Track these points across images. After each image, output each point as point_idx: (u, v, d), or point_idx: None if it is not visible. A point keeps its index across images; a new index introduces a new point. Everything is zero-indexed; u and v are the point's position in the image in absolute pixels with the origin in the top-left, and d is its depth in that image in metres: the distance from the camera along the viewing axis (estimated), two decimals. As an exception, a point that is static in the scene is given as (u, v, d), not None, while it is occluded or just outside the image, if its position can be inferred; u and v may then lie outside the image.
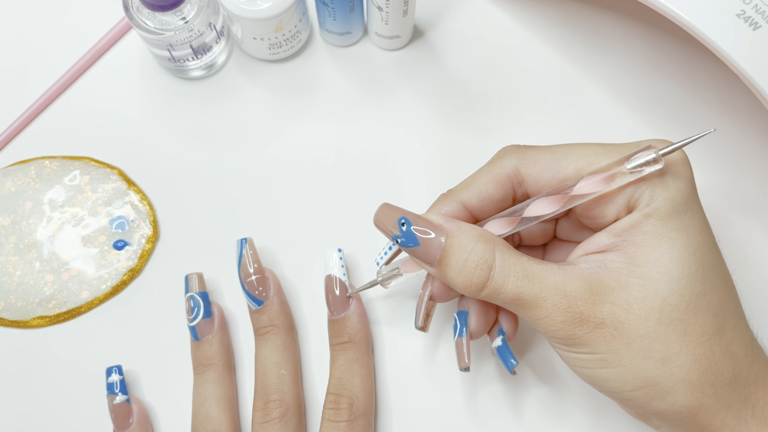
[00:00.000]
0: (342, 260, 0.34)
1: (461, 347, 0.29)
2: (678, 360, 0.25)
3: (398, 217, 0.28)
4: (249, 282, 0.33)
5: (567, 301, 0.25)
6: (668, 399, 0.25)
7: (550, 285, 0.26)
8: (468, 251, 0.26)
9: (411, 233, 0.27)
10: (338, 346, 0.33)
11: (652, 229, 0.25)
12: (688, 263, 0.25)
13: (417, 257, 0.28)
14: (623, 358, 0.25)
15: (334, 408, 0.31)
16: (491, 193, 0.29)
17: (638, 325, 0.25)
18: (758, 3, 0.30)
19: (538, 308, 0.26)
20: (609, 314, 0.25)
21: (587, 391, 0.34)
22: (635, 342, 0.25)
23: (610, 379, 0.26)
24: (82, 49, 0.41)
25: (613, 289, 0.25)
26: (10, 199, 0.37)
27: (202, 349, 0.33)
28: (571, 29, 0.41)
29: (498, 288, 0.26)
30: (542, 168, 0.28)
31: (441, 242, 0.27)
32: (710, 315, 0.25)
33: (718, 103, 0.39)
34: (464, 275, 0.26)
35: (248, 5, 0.35)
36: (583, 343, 0.25)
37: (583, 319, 0.25)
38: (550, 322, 0.26)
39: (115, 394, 0.33)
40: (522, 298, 0.26)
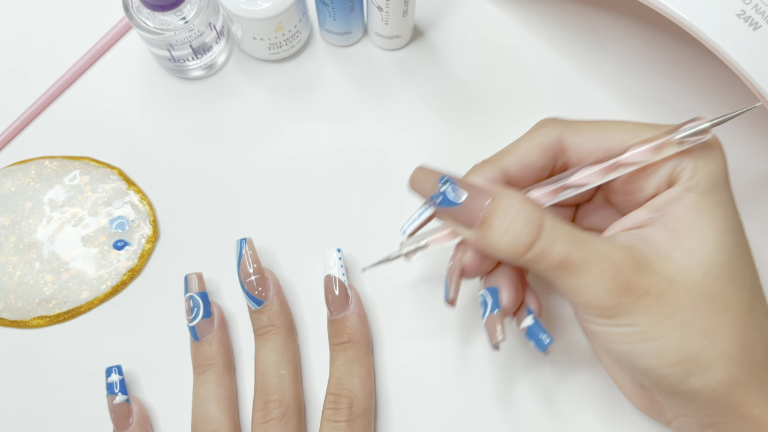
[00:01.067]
0: (341, 260, 0.34)
1: (494, 323, 0.28)
2: (718, 333, 0.25)
3: (438, 177, 0.26)
4: (248, 282, 0.33)
5: (614, 268, 0.25)
6: (707, 374, 0.25)
7: (597, 250, 0.25)
8: (515, 210, 0.25)
9: (454, 190, 0.26)
10: (338, 346, 0.33)
11: (693, 203, 0.25)
12: (728, 238, 0.25)
13: (456, 220, 0.26)
14: (665, 330, 0.25)
15: (333, 408, 0.31)
16: (533, 160, 0.28)
17: (681, 296, 0.25)
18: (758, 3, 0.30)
19: (584, 273, 0.25)
20: (653, 284, 0.25)
21: (588, 391, 0.34)
22: (677, 314, 0.25)
23: (649, 353, 0.25)
24: (82, 49, 0.41)
25: (655, 261, 0.25)
26: (10, 199, 0.37)
27: (202, 349, 0.33)
28: (571, 29, 0.41)
29: (546, 249, 0.25)
30: (586, 138, 0.27)
31: (484, 203, 0.26)
32: (746, 291, 0.25)
33: (718, 103, 0.39)
34: (511, 235, 0.25)
35: (248, 5, 0.35)
36: (625, 314, 0.25)
37: (629, 287, 0.25)
38: (595, 288, 0.25)
39: (114, 394, 0.33)
40: (569, 261, 0.25)
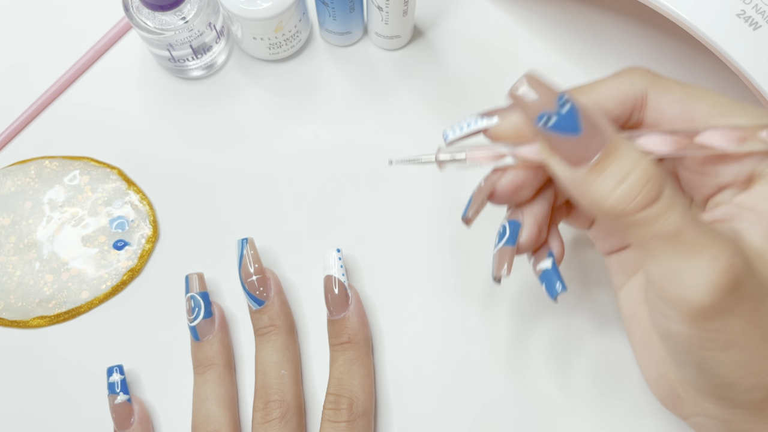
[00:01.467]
0: (341, 260, 0.34)
1: (505, 256, 0.26)
2: None
3: (556, 93, 0.22)
4: (250, 282, 0.33)
5: (728, 258, 0.21)
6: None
7: (712, 235, 0.21)
8: (635, 161, 0.21)
9: (573, 116, 0.21)
10: (338, 347, 0.33)
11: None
12: None
13: (563, 151, 0.22)
14: (755, 341, 0.22)
15: (334, 408, 0.31)
16: (610, 108, 0.24)
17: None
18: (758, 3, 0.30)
19: (694, 255, 0.21)
20: (755, 287, 0.21)
21: (590, 390, 0.34)
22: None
23: (728, 362, 0.22)
24: (82, 48, 0.41)
25: (754, 261, 0.22)
26: (10, 199, 0.37)
27: (203, 349, 0.33)
28: (571, 29, 0.41)
29: (660, 215, 0.21)
30: (673, 100, 0.24)
31: (602, 142, 0.21)
32: None
33: (718, 103, 0.39)
34: (627, 187, 0.21)
35: (248, 5, 0.35)
36: (720, 318, 0.21)
37: (737, 286, 0.21)
38: (700, 279, 0.21)
39: (116, 394, 0.33)
40: (683, 235, 0.21)
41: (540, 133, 0.22)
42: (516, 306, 0.36)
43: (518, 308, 0.36)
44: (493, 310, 0.36)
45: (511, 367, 0.35)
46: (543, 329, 0.35)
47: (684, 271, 0.21)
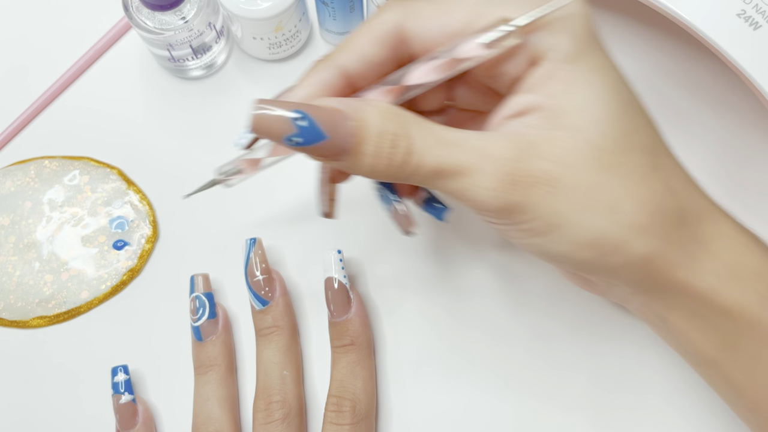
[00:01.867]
0: (342, 261, 0.33)
1: (398, 213, 0.28)
2: (624, 205, 0.23)
3: (288, 110, 0.22)
4: (255, 282, 0.33)
5: (492, 163, 0.23)
6: (622, 251, 0.23)
7: (471, 149, 0.23)
8: (380, 131, 0.23)
9: (313, 128, 0.22)
10: (340, 349, 0.33)
11: (567, 76, 0.23)
12: (610, 103, 0.23)
13: (322, 153, 0.23)
14: (568, 216, 0.23)
15: (336, 410, 0.31)
16: (373, 53, 0.25)
17: (575, 177, 0.23)
18: (758, 3, 0.30)
19: (462, 176, 0.23)
20: (541, 170, 0.23)
21: (590, 391, 0.34)
22: (576, 195, 0.23)
23: (560, 242, 0.23)
24: (82, 48, 0.41)
25: (540, 145, 0.23)
26: (10, 199, 0.37)
27: (206, 349, 0.33)
28: (571, 29, 0.41)
29: (419, 163, 0.23)
30: (428, 20, 0.24)
31: (350, 128, 0.22)
32: (643, 152, 0.24)
33: (718, 103, 0.39)
34: (382, 158, 0.23)
35: (248, 5, 0.35)
36: (521, 209, 0.23)
37: (514, 180, 0.23)
38: (478, 190, 0.23)
39: (120, 394, 0.33)
40: (443, 168, 0.23)
41: (298, 150, 0.23)
42: (517, 306, 0.36)
43: (519, 309, 0.36)
44: (493, 310, 0.36)
45: (511, 368, 0.35)
46: (544, 329, 0.35)
47: (462, 189, 0.23)
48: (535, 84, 0.23)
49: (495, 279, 0.36)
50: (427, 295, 0.36)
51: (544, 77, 0.23)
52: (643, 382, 0.34)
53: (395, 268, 0.36)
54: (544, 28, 0.23)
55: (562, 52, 0.23)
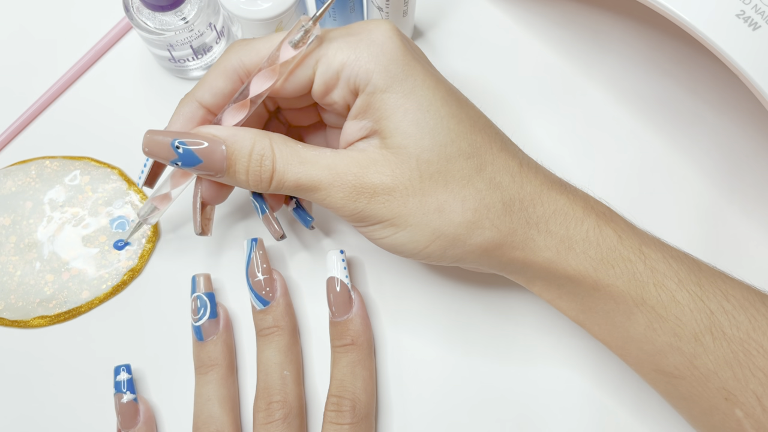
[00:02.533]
0: (344, 261, 0.33)
1: (269, 221, 0.32)
2: (449, 206, 0.27)
3: (170, 140, 0.28)
4: (256, 281, 0.33)
5: (340, 178, 0.28)
6: (457, 244, 0.28)
7: (323, 167, 0.28)
8: (248, 153, 0.28)
9: (189, 153, 0.28)
10: (340, 348, 0.33)
11: (382, 104, 0.27)
12: (425, 121, 0.27)
13: (203, 171, 0.28)
14: (407, 218, 0.28)
15: (336, 410, 0.31)
16: (221, 86, 0.29)
17: (406, 187, 0.27)
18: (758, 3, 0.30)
19: (318, 190, 0.28)
20: (379, 182, 0.27)
21: (591, 391, 0.34)
22: (409, 201, 0.27)
23: (405, 241, 0.28)
24: (83, 49, 0.41)
25: (377, 162, 0.28)
26: (11, 199, 0.38)
27: (207, 349, 0.33)
28: (570, 29, 0.41)
29: (281, 178, 0.28)
30: (260, 50, 0.29)
31: (222, 151, 0.28)
32: (464, 158, 0.28)
33: (718, 103, 0.39)
34: (252, 175, 0.28)
35: (248, 5, 0.35)
36: (368, 214, 0.28)
37: (358, 191, 0.28)
38: (332, 200, 0.28)
39: (122, 393, 0.33)
40: (302, 183, 0.28)
41: (183, 172, 0.30)
42: (517, 308, 0.36)
43: (519, 310, 0.36)
44: (494, 311, 0.36)
45: (512, 369, 0.35)
46: (544, 330, 0.35)
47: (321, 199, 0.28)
48: (361, 112, 0.28)
49: (495, 280, 0.36)
50: (427, 295, 0.36)
51: (365, 106, 0.28)
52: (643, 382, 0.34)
53: (396, 268, 0.36)
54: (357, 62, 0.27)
55: (374, 85, 0.27)
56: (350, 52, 0.27)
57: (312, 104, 0.32)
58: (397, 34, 0.28)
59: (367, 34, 0.28)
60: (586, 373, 0.34)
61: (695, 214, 0.37)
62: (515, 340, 0.35)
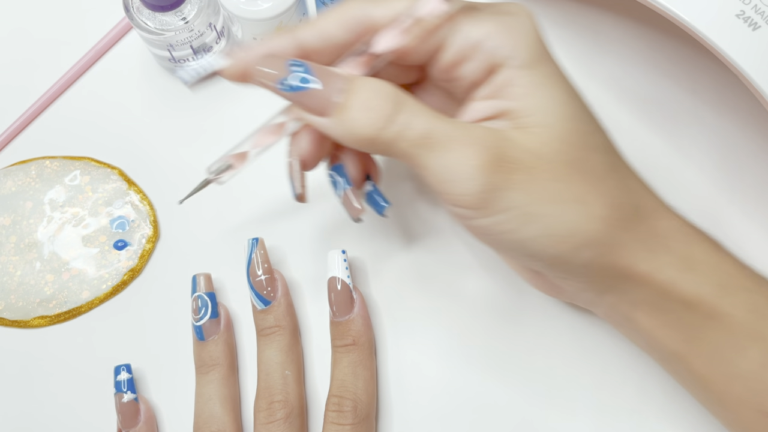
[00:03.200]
0: (346, 261, 0.33)
1: (349, 199, 0.28)
2: (590, 198, 0.25)
3: (286, 59, 0.24)
4: (258, 281, 0.33)
5: (479, 143, 0.24)
6: (592, 244, 0.25)
7: (460, 126, 0.24)
8: (373, 88, 0.24)
9: (307, 74, 0.24)
10: (342, 348, 0.32)
11: (528, 80, 0.25)
12: (571, 104, 0.25)
13: (310, 104, 0.24)
14: (544, 207, 0.24)
15: (337, 410, 0.31)
16: (336, 34, 0.26)
17: (549, 168, 0.24)
18: (758, 3, 0.30)
19: (449, 150, 0.23)
20: (520, 159, 0.24)
21: (592, 391, 0.34)
22: (550, 186, 0.24)
23: (537, 235, 0.24)
24: (83, 49, 0.41)
25: (516, 138, 0.24)
26: (11, 199, 0.38)
27: (208, 349, 0.33)
28: (571, 29, 0.41)
29: (407, 123, 0.24)
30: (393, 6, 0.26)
31: (341, 84, 0.24)
32: (602, 152, 0.26)
33: (718, 103, 0.39)
34: (370, 111, 0.24)
35: (248, 5, 0.35)
36: (501, 196, 0.24)
37: (498, 163, 0.24)
38: (463, 168, 0.23)
39: (123, 393, 0.33)
40: (433, 135, 0.24)
41: (287, 96, 0.25)
42: (518, 308, 0.36)
43: (521, 310, 0.36)
44: (495, 311, 0.36)
45: (513, 370, 0.35)
46: (545, 330, 0.35)
47: (447, 165, 0.24)
48: (497, 89, 0.25)
49: (496, 280, 0.36)
50: (428, 296, 0.36)
51: (506, 83, 0.25)
52: (644, 382, 0.34)
53: (397, 268, 0.36)
54: (501, 35, 0.25)
55: (520, 60, 0.25)
56: (496, 25, 0.25)
57: (407, 85, 0.29)
58: (535, 19, 0.26)
59: (511, 11, 0.25)
60: (588, 375, 0.34)
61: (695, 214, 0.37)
62: (516, 342, 0.35)
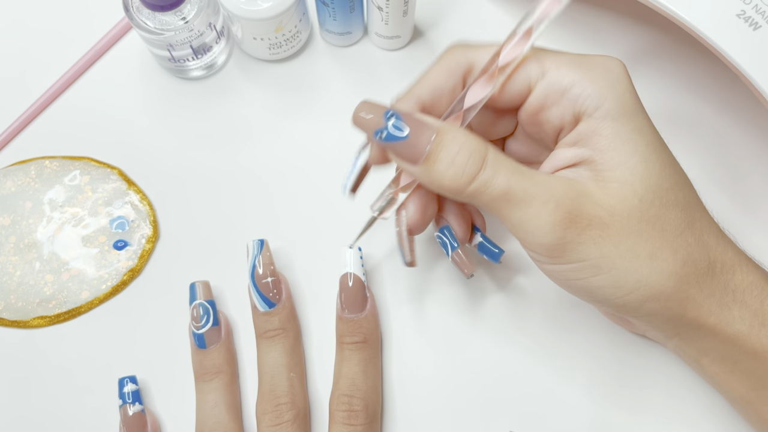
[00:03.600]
0: (362, 259, 0.33)
1: (460, 258, 0.30)
2: (662, 254, 0.25)
3: (383, 111, 0.26)
4: (264, 283, 0.33)
5: (556, 199, 0.25)
6: (661, 298, 0.26)
7: (539, 182, 0.25)
8: (460, 143, 0.25)
9: (399, 125, 0.26)
10: (352, 346, 0.32)
11: (612, 132, 0.25)
12: (653, 161, 0.26)
13: (402, 153, 0.26)
14: (615, 261, 0.25)
15: (348, 410, 0.31)
16: (442, 83, 0.28)
17: (623, 225, 0.25)
18: (758, 3, 0.30)
19: (527, 205, 0.25)
20: (595, 216, 0.25)
21: (592, 391, 0.34)
22: (623, 242, 0.25)
23: (605, 285, 0.26)
24: (83, 49, 0.41)
25: (593, 194, 0.25)
26: (10, 199, 0.37)
27: (210, 356, 0.33)
28: (571, 29, 0.41)
29: (489, 180, 0.25)
30: (489, 56, 0.27)
31: (430, 137, 0.25)
32: (680, 209, 0.26)
33: (718, 103, 0.39)
34: (456, 166, 0.25)
35: (248, 5, 0.35)
36: (573, 249, 0.25)
37: (573, 219, 0.25)
38: (539, 222, 0.25)
39: (129, 404, 0.32)
40: (512, 192, 0.25)
41: (383, 146, 0.26)
42: (521, 308, 0.36)
43: (524, 311, 0.36)
44: (496, 311, 0.36)
45: (515, 371, 0.35)
46: (548, 330, 0.35)
47: (524, 219, 0.25)
48: (581, 138, 0.26)
49: (501, 282, 0.36)
50: (431, 295, 0.36)
51: (591, 132, 0.26)
52: (643, 382, 0.34)
53: (398, 268, 0.36)
54: (591, 85, 0.25)
55: (606, 110, 0.25)
56: (584, 73, 0.26)
57: (500, 139, 0.31)
58: (628, 72, 0.27)
59: (602, 62, 0.26)
60: (589, 375, 0.34)
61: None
62: (517, 341, 0.35)
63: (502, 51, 0.26)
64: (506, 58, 0.26)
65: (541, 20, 0.26)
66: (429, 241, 0.37)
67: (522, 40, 0.26)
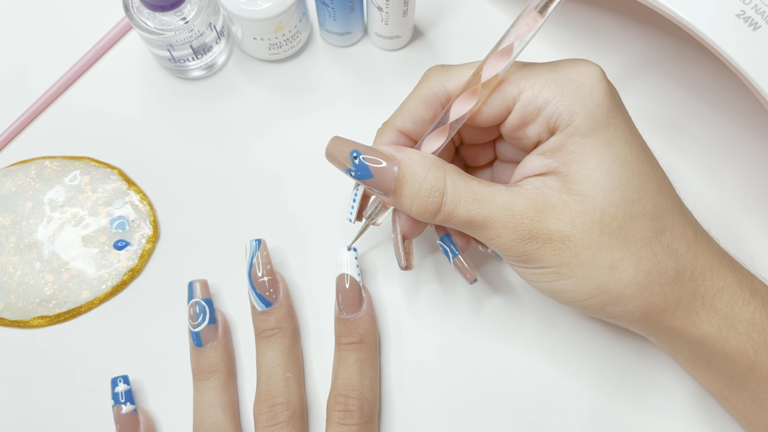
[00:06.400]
0: (357, 260, 0.33)
1: (461, 264, 0.31)
2: (623, 265, 0.26)
3: (350, 150, 0.28)
4: (260, 282, 0.33)
5: (515, 221, 0.27)
6: (620, 303, 0.27)
7: (498, 206, 0.27)
8: (420, 180, 0.27)
9: (364, 165, 0.28)
10: (348, 346, 0.32)
11: (578, 148, 0.26)
12: (618, 174, 0.26)
13: (372, 188, 0.28)
14: (574, 269, 0.27)
15: (344, 410, 0.31)
16: (421, 114, 0.29)
17: (583, 238, 0.26)
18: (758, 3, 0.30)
19: (489, 229, 0.27)
20: (555, 230, 0.26)
21: (593, 390, 0.34)
22: (582, 253, 0.26)
23: (566, 290, 0.27)
24: (83, 49, 0.41)
25: (556, 207, 0.27)
26: (11, 199, 0.38)
27: (206, 355, 0.33)
28: (571, 29, 0.41)
29: (450, 213, 0.27)
30: (463, 76, 0.28)
31: (394, 172, 0.27)
32: (647, 219, 0.27)
33: (718, 103, 0.39)
34: (418, 203, 0.27)
35: (248, 5, 0.35)
36: (536, 258, 0.27)
37: (531, 236, 0.27)
38: (501, 240, 0.27)
39: (121, 404, 0.33)
40: (473, 220, 0.27)
41: (357, 182, 0.29)
42: (520, 308, 0.36)
43: (523, 311, 0.36)
44: (496, 311, 0.36)
45: (514, 371, 0.35)
46: (547, 330, 0.35)
47: (488, 238, 0.27)
48: (551, 151, 0.27)
49: (497, 282, 0.36)
50: (430, 296, 0.36)
51: (559, 146, 0.27)
52: (643, 382, 0.34)
53: (398, 269, 0.36)
54: (563, 101, 0.26)
55: (575, 127, 0.26)
56: (557, 91, 0.27)
57: (491, 141, 0.32)
58: (605, 81, 0.27)
59: (576, 75, 0.27)
60: (588, 374, 0.34)
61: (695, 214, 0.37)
62: (517, 341, 0.35)
63: (484, 68, 0.27)
64: (488, 74, 0.27)
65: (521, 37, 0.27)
66: (429, 241, 0.37)
67: (503, 56, 0.27)
